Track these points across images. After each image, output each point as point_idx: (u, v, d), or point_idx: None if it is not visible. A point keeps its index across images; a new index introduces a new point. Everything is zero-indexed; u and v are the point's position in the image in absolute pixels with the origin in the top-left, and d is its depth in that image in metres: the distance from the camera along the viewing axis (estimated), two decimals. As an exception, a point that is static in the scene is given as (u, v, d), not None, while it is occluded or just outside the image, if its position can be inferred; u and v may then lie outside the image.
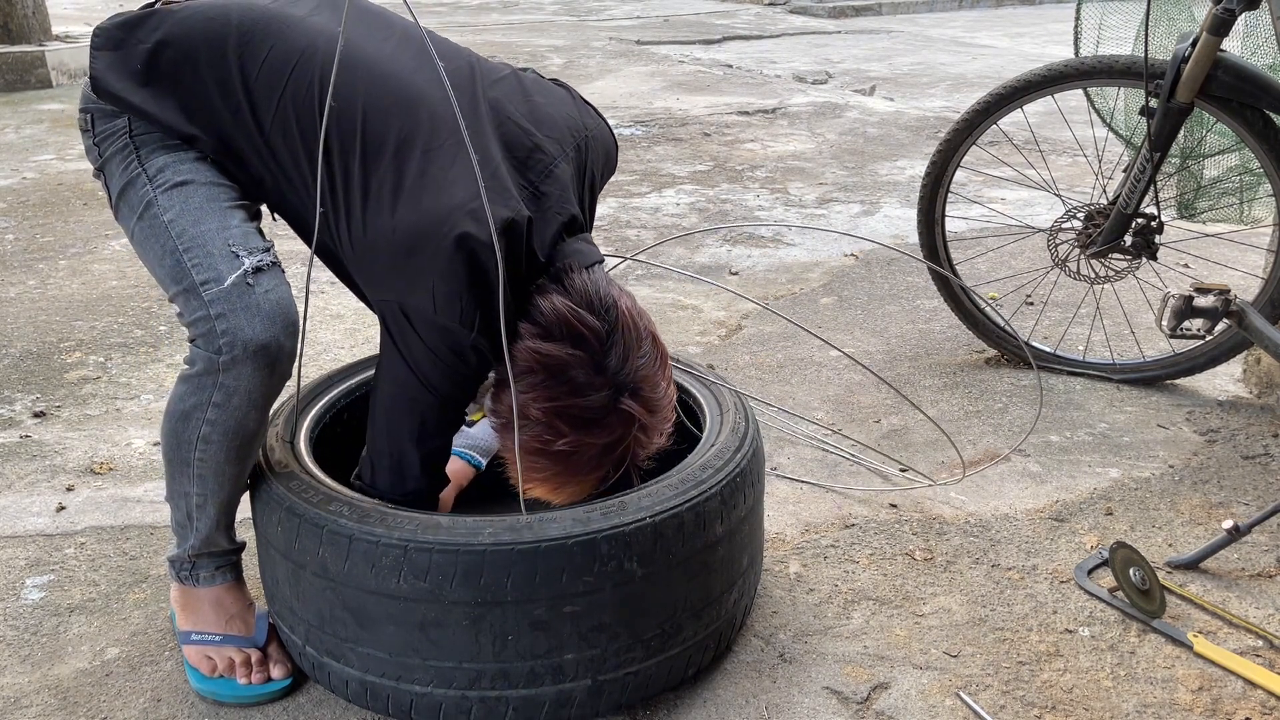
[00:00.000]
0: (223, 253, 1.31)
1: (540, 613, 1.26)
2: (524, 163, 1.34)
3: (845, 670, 1.49)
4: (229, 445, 1.36)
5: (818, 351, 2.57)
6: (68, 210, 3.73)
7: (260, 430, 1.39)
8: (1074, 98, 2.40)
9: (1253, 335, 1.99)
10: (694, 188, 4.06)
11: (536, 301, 1.31)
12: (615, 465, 1.35)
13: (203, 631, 1.47)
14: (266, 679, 1.45)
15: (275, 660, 1.46)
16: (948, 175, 2.42)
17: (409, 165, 1.29)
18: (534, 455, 1.34)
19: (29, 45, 6.11)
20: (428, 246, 1.24)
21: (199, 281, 1.30)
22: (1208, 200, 2.41)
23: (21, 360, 2.52)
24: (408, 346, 1.31)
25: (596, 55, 7.37)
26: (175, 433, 1.37)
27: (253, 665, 1.45)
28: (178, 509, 1.44)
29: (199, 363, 1.32)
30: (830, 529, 1.83)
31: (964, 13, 10.97)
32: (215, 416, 1.33)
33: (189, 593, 1.49)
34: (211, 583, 1.49)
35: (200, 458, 1.37)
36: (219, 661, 1.45)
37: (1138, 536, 1.81)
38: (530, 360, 1.29)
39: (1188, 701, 1.42)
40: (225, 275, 1.30)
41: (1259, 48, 2.25)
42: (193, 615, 1.49)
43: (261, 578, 1.48)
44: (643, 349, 1.33)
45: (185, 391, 1.35)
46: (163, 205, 1.33)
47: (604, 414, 1.31)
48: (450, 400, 1.37)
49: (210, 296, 1.30)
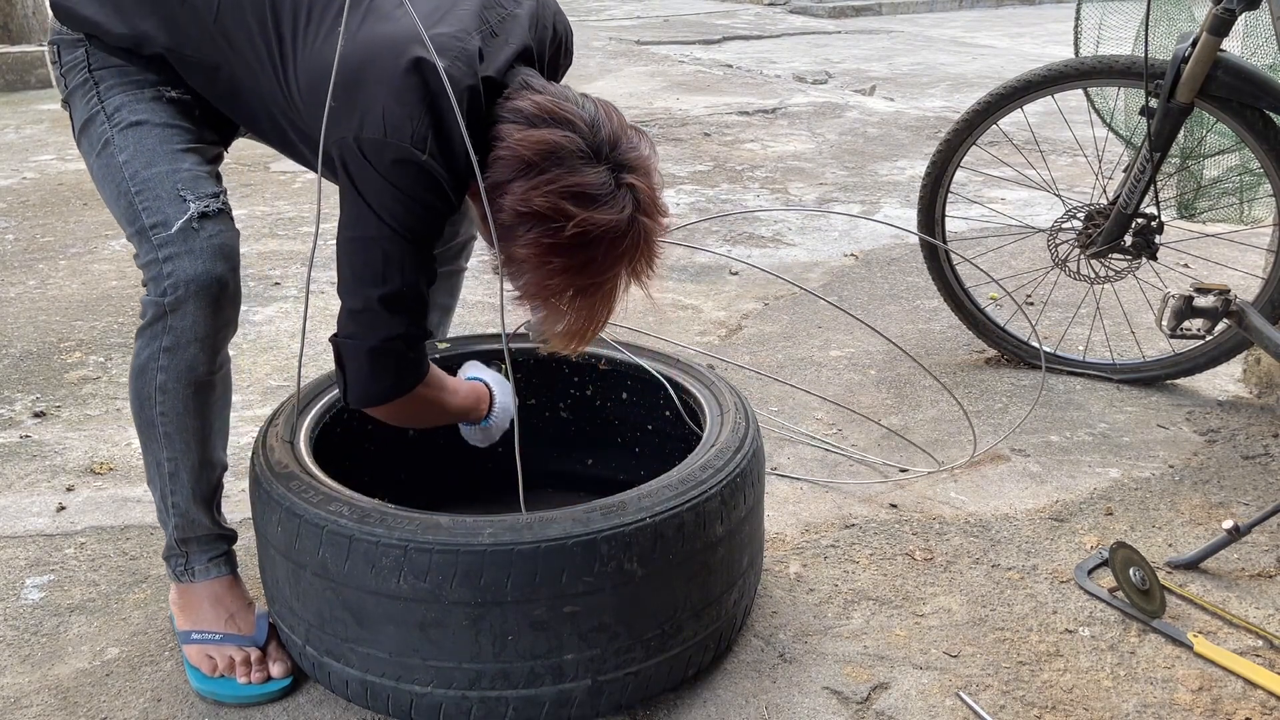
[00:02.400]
0: (171, 196, 1.35)
1: (540, 613, 1.26)
2: (484, 5, 1.34)
3: (845, 670, 1.49)
4: (184, 393, 1.39)
5: (818, 351, 2.57)
6: (68, 210, 3.73)
7: (218, 380, 1.41)
8: (1074, 98, 2.40)
9: (1253, 335, 1.99)
10: (694, 188, 4.05)
11: (510, 106, 1.27)
12: (629, 264, 1.29)
13: (203, 630, 1.48)
14: (266, 678, 1.44)
15: (275, 659, 1.46)
16: (948, 175, 2.42)
17: (360, 2, 1.30)
18: (545, 258, 1.26)
19: (29, 45, 6.11)
20: (380, 69, 1.23)
21: (149, 225, 1.34)
22: (1208, 200, 2.41)
23: (22, 360, 2.52)
24: (365, 182, 1.26)
25: (596, 55, 7.37)
26: (137, 392, 1.40)
27: (252, 664, 1.45)
28: (154, 488, 1.46)
29: (149, 310, 1.36)
30: (830, 529, 1.83)
31: (964, 13, 10.97)
32: (167, 363, 1.37)
33: (187, 591, 1.50)
34: (207, 576, 1.49)
35: (162, 412, 1.39)
36: (219, 660, 1.45)
37: (1138, 536, 1.81)
38: (522, 150, 1.23)
39: (1188, 701, 1.42)
40: (173, 220, 1.33)
41: (1259, 48, 2.24)
42: (192, 615, 1.49)
43: (262, 578, 1.48)
44: (629, 135, 1.29)
45: (140, 346, 1.39)
46: (118, 145, 1.37)
47: (609, 189, 1.24)
48: (413, 235, 1.30)
49: (159, 240, 1.34)
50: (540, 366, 1.85)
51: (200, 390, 1.40)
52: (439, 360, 1.79)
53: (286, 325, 2.73)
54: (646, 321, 2.78)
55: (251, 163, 4.38)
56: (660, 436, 1.82)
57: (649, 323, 2.77)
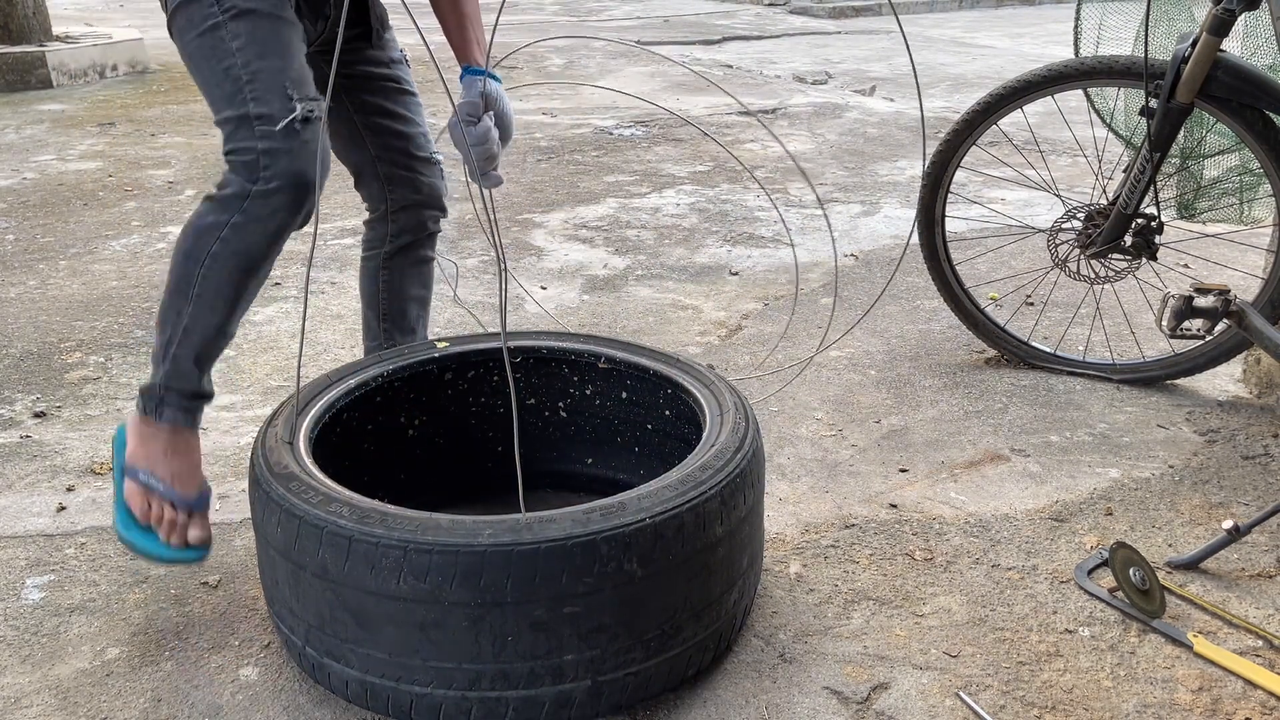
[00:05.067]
0: (279, 93, 1.41)
1: (540, 614, 1.26)
2: None
3: (845, 670, 1.49)
4: (233, 266, 1.46)
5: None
6: (68, 210, 3.73)
7: (264, 266, 1.48)
8: (1074, 98, 2.40)
9: (1253, 335, 1.99)
10: (694, 188, 4.06)
11: None
12: None
13: (152, 474, 1.53)
14: (185, 544, 1.52)
15: (196, 525, 1.53)
16: (948, 175, 2.42)
17: None
18: None
19: (29, 45, 6.11)
20: None
21: (254, 115, 1.40)
22: (1208, 200, 2.41)
23: (22, 360, 2.52)
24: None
25: (596, 55, 7.37)
26: (188, 249, 1.47)
27: (177, 526, 1.50)
28: (163, 333, 1.52)
29: (231, 186, 1.43)
30: (830, 529, 1.83)
31: (964, 13, 10.97)
32: (230, 236, 1.44)
33: (149, 426, 1.54)
34: (174, 421, 1.54)
35: (204, 275, 1.46)
36: (154, 509, 1.51)
37: (1138, 536, 1.81)
38: None
39: (1188, 701, 1.42)
40: (278, 116, 1.39)
41: (1259, 48, 2.24)
42: (146, 453, 1.54)
43: (261, 579, 1.48)
44: None
45: (209, 209, 1.45)
46: (230, 30, 1.42)
47: None
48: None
49: (260, 132, 1.40)
50: (540, 366, 1.85)
51: (248, 272, 1.48)
52: (439, 360, 1.80)
53: (286, 325, 2.73)
54: (647, 321, 2.78)
55: (251, 163, 4.38)
56: (660, 436, 1.82)
57: (649, 323, 2.77)
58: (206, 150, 4.61)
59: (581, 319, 2.79)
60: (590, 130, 5.04)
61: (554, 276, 3.12)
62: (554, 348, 1.83)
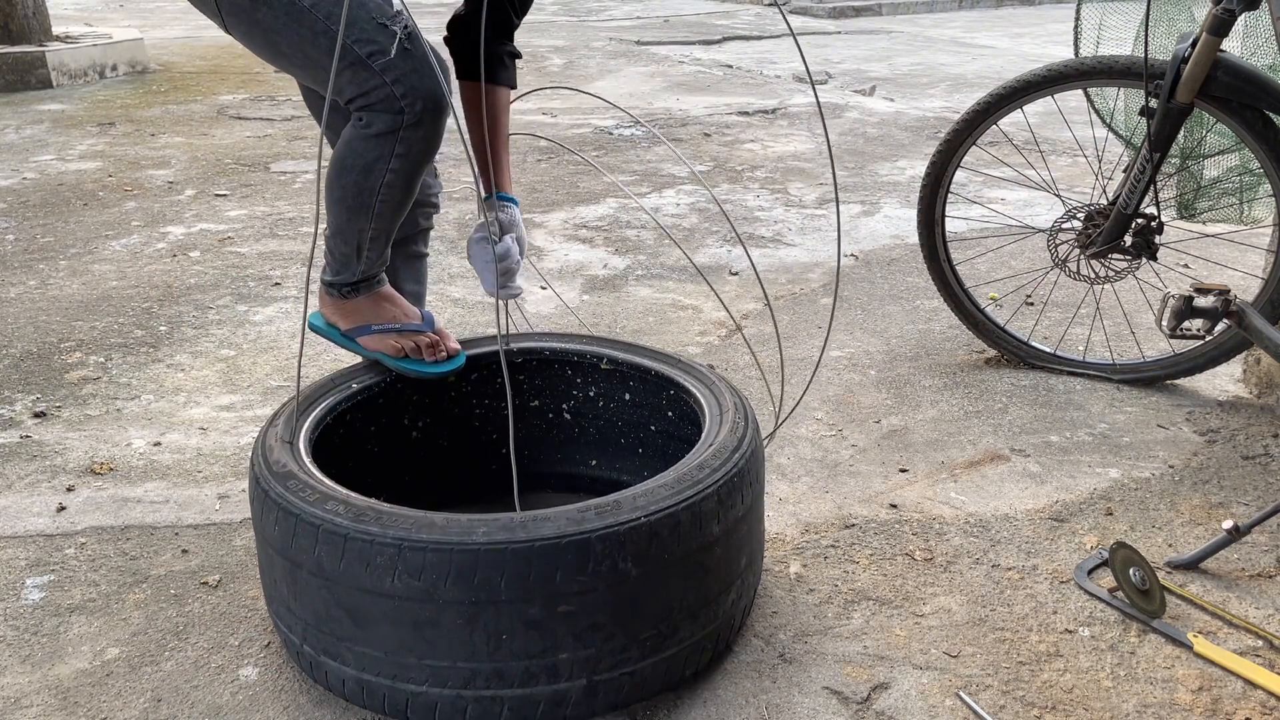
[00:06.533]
0: (374, 26, 1.46)
1: (535, 612, 1.26)
2: None
3: (845, 670, 1.48)
4: (409, 185, 1.58)
5: (817, 352, 2.56)
6: (68, 210, 3.73)
7: (424, 168, 1.60)
8: (1074, 98, 2.40)
9: (1253, 335, 1.99)
10: (694, 188, 4.06)
11: None
12: None
13: (383, 323, 1.70)
14: (449, 355, 1.71)
15: (447, 338, 1.72)
16: (948, 176, 2.42)
17: None
18: None
19: (29, 45, 6.12)
20: None
21: (365, 55, 1.45)
22: (1208, 200, 2.41)
23: (22, 360, 2.52)
24: None
25: (596, 55, 7.37)
26: (357, 184, 1.56)
27: (435, 346, 1.70)
28: (347, 243, 1.64)
29: (377, 124, 1.50)
30: (830, 529, 1.83)
31: (964, 13, 10.97)
32: (398, 166, 1.54)
33: (351, 301, 1.70)
34: (370, 290, 1.71)
35: (383, 199, 1.58)
36: (406, 345, 1.69)
37: (1138, 536, 1.80)
38: None
39: (1188, 701, 1.42)
40: (387, 45, 1.45)
41: (1259, 48, 2.24)
42: (363, 315, 1.70)
43: (261, 577, 1.48)
44: None
45: (365, 149, 1.53)
46: None
47: None
48: None
49: (381, 66, 1.45)
50: (543, 368, 1.85)
51: (419, 178, 1.60)
52: None
53: (287, 325, 2.73)
54: (647, 321, 2.78)
55: (251, 163, 4.38)
56: (664, 437, 1.82)
57: (649, 323, 2.77)
58: (206, 150, 4.62)
59: (582, 319, 2.79)
60: (590, 130, 5.04)
61: (554, 277, 3.12)
62: (556, 349, 1.83)
